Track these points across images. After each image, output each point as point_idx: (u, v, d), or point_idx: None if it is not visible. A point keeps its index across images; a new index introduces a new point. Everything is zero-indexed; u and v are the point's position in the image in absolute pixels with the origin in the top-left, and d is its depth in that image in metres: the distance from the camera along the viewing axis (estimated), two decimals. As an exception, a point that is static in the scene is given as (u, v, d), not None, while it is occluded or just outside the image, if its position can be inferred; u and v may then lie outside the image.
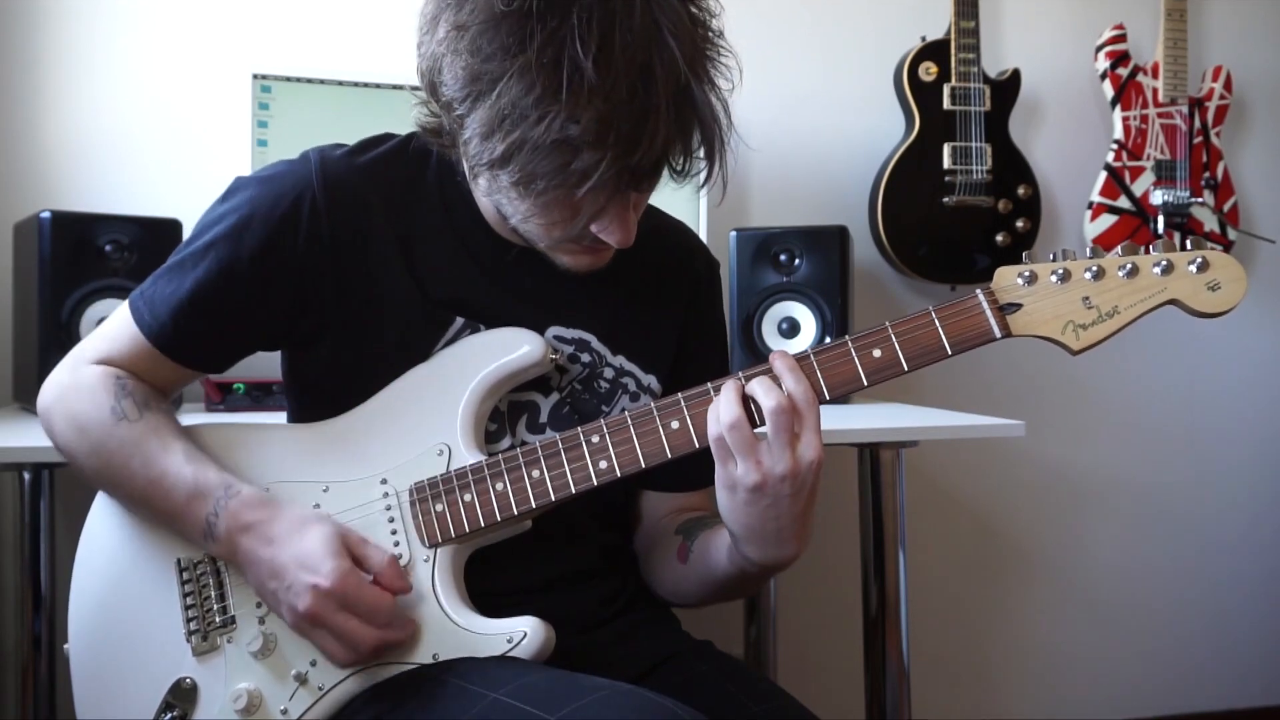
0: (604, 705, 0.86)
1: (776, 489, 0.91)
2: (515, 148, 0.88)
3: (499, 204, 1.01)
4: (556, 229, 0.98)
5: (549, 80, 0.86)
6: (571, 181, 0.89)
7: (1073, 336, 0.95)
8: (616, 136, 0.87)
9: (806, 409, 0.92)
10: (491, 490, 1.00)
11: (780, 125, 2.30)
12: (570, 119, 0.86)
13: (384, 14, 2.08)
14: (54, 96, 1.96)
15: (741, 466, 0.92)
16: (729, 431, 0.91)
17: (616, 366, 1.11)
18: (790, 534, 0.95)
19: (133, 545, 1.05)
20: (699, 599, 1.12)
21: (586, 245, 1.01)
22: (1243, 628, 2.61)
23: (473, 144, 0.91)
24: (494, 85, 0.87)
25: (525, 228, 1.00)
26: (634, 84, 0.87)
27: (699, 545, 1.08)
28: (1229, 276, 0.93)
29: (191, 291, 1.03)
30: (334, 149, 1.07)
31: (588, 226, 0.96)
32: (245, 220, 1.02)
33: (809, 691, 1.16)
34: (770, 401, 0.91)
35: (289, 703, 0.98)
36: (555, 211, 0.95)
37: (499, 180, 0.94)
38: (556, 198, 0.92)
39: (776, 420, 0.91)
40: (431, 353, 1.05)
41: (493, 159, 0.90)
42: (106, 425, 1.01)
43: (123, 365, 1.06)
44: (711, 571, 1.05)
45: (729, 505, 0.95)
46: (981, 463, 2.44)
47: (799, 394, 0.92)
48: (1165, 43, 2.37)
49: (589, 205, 0.94)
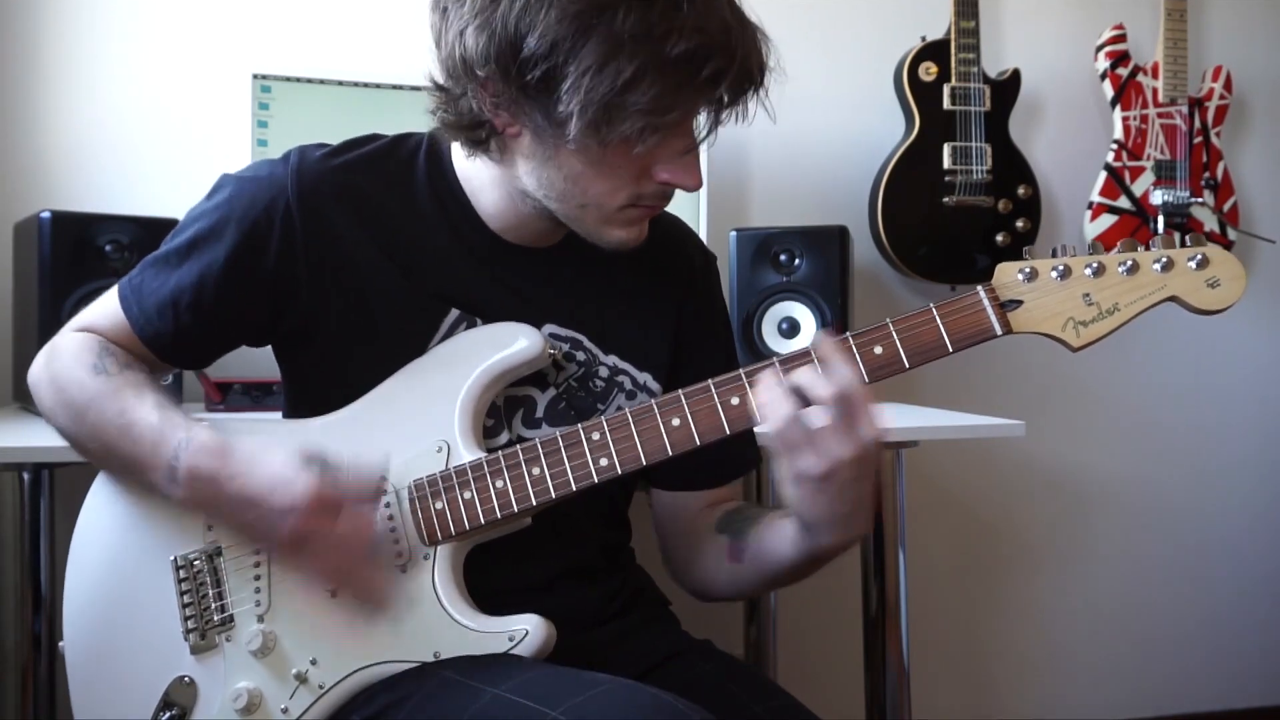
0: (607, 700, 0.86)
1: (844, 475, 0.91)
2: (643, 67, 0.88)
3: (552, 184, 0.99)
4: (625, 189, 0.98)
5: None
6: (699, 94, 0.92)
7: (1073, 333, 0.95)
8: (735, 40, 0.91)
9: (857, 391, 0.92)
10: (491, 488, 0.99)
11: (780, 125, 2.29)
12: (696, 28, 0.88)
13: (384, 14, 2.08)
14: (54, 96, 1.96)
15: (806, 459, 0.91)
16: (788, 426, 0.91)
17: (610, 365, 1.11)
18: (861, 513, 0.96)
19: (128, 543, 1.05)
20: (754, 592, 1.13)
21: (645, 207, 1.01)
22: (1242, 628, 2.61)
23: (586, 81, 0.89)
24: (604, 12, 0.88)
25: (584, 199, 0.99)
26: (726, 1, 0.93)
27: (754, 542, 1.08)
28: (1228, 274, 0.93)
29: (174, 293, 1.04)
30: (315, 149, 1.07)
31: (658, 175, 0.98)
32: (222, 223, 1.03)
33: (809, 691, 1.16)
34: (824, 390, 0.91)
35: (289, 701, 0.98)
36: (634, 161, 0.96)
37: (574, 133, 0.92)
38: (647, 125, 0.92)
39: (835, 408, 0.90)
40: (428, 346, 1.05)
41: (612, 89, 0.88)
42: (84, 379, 1.01)
43: (107, 337, 1.07)
44: (778, 564, 1.05)
45: (798, 497, 0.94)
46: (981, 463, 2.44)
47: (849, 378, 0.92)
48: (1165, 43, 2.37)
49: (677, 138, 0.96)
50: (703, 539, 1.14)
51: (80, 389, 1.01)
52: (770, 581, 1.10)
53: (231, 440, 0.96)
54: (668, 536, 1.20)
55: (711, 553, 1.13)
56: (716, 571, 1.13)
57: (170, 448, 0.96)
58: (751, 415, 0.96)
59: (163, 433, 0.97)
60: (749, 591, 1.14)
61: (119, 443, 0.99)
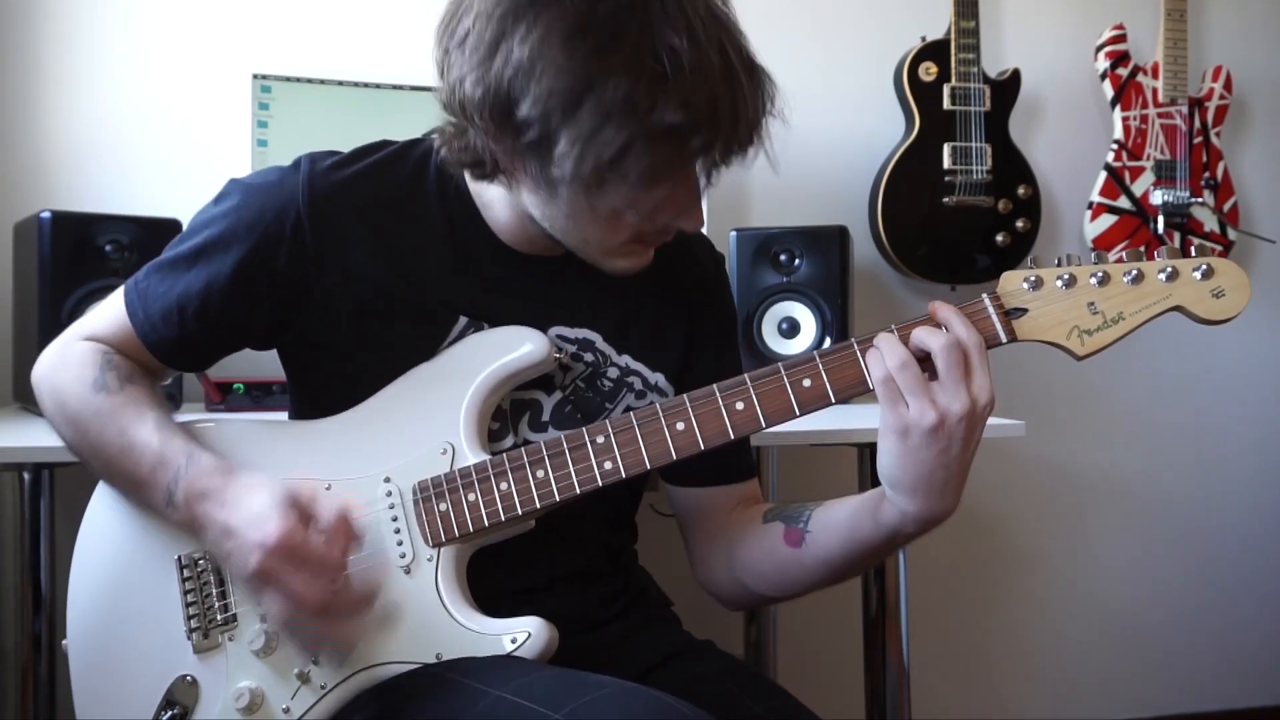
0: (609, 703, 0.86)
1: (953, 430, 0.90)
2: (630, 141, 0.88)
3: (554, 220, 0.99)
4: (625, 232, 0.98)
5: (653, 69, 0.87)
6: (686, 164, 0.92)
7: (1078, 342, 0.95)
8: (722, 112, 0.89)
9: (976, 350, 0.91)
10: (496, 490, 0.99)
11: (780, 125, 2.29)
12: (682, 102, 0.87)
13: (384, 14, 2.08)
14: (54, 96, 1.95)
15: (915, 407, 0.90)
16: (899, 372, 0.90)
17: (622, 366, 1.11)
18: (956, 483, 0.94)
19: (132, 541, 1.05)
20: (812, 583, 1.08)
21: (647, 242, 1.02)
22: (1243, 628, 2.61)
23: (575, 150, 0.89)
24: (593, 86, 0.87)
25: (585, 236, 1.00)
26: (720, 60, 0.90)
27: (817, 524, 1.05)
28: (1233, 284, 0.93)
29: (180, 299, 1.04)
30: (325, 157, 1.07)
31: (661, 219, 0.98)
32: (231, 229, 1.02)
33: (809, 691, 1.16)
34: (939, 341, 0.90)
35: (291, 701, 0.98)
36: (630, 212, 0.96)
37: (568, 194, 0.93)
38: (636, 194, 0.93)
39: (949, 357, 0.90)
40: (436, 352, 1.05)
41: (600, 162, 0.89)
42: (86, 396, 1.01)
43: (112, 345, 1.07)
44: (848, 544, 1.02)
45: (898, 451, 0.93)
46: (981, 463, 2.41)
47: (968, 335, 0.91)
48: (1165, 43, 2.37)
49: (672, 194, 0.95)
50: (748, 532, 1.11)
51: (83, 405, 1.01)
52: (833, 567, 1.05)
53: (232, 469, 0.97)
54: (701, 540, 1.17)
55: (762, 543, 1.09)
56: (769, 563, 1.09)
57: (170, 471, 0.97)
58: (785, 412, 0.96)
59: (162, 456, 0.97)
60: (805, 582, 1.08)
61: (119, 461, 1.00)
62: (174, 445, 0.98)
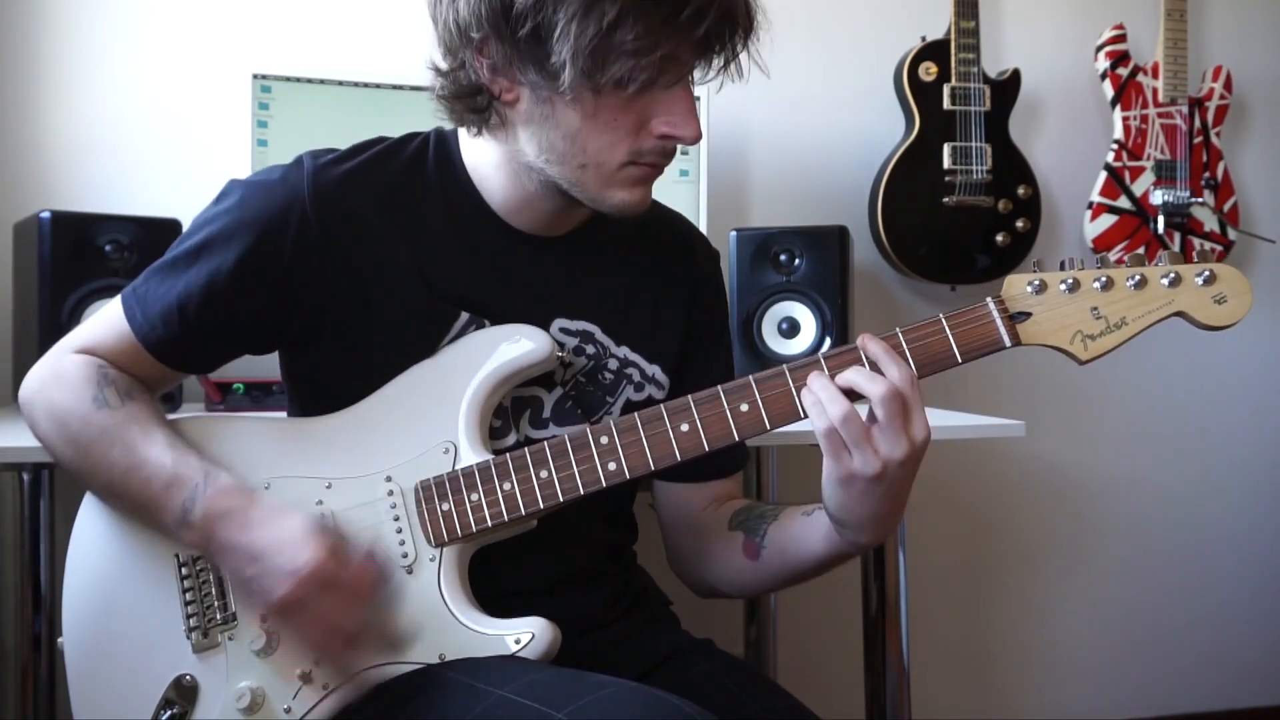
0: (612, 702, 0.86)
1: (894, 474, 0.91)
2: (627, 8, 0.89)
3: (552, 145, 0.99)
4: (623, 143, 0.98)
5: None
6: (682, 36, 0.92)
7: (1081, 346, 0.95)
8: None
9: (911, 390, 0.92)
10: (499, 490, 0.99)
11: (780, 125, 2.29)
12: None
13: (384, 14, 2.08)
14: (54, 96, 1.95)
15: (859, 458, 0.91)
16: (843, 426, 0.91)
17: (620, 357, 1.11)
18: (898, 513, 0.96)
19: (129, 540, 1.04)
20: (766, 589, 1.13)
21: (648, 163, 1.01)
22: (1243, 628, 2.62)
23: (573, 27, 0.90)
24: None
25: (584, 159, 0.99)
26: None
27: (772, 541, 1.08)
28: (1235, 290, 0.93)
29: (181, 297, 1.03)
30: (326, 154, 1.07)
31: (656, 129, 0.98)
32: (233, 228, 1.02)
33: (809, 691, 1.16)
34: (878, 389, 0.91)
35: (292, 701, 0.97)
36: (630, 114, 0.96)
37: (569, 82, 0.93)
38: (636, 67, 0.93)
39: (889, 407, 0.90)
40: (437, 349, 1.05)
41: (599, 29, 0.90)
42: (86, 413, 1.00)
43: (107, 357, 1.05)
44: (801, 562, 1.05)
45: (843, 498, 0.94)
46: (981, 463, 2.44)
47: (902, 377, 0.92)
48: (1165, 43, 2.37)
49: (670, 94, 0.96)
50: (714, 536, 1.14)
51: (83, 424, 1.00)
52: (788, 579, 1.09)
53: (251, 494, 0.97)
54: (674, 534, 1.20)
55: (725, 550, 1.12)
56: (730, 569, 1.12)
57: (185, 489, 0.96)
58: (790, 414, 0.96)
59: (177, 474, 0.97)
60: (762, 589, 1.14)
61: (126, 481, 0.99)
62: (189, 463, 0.97)
